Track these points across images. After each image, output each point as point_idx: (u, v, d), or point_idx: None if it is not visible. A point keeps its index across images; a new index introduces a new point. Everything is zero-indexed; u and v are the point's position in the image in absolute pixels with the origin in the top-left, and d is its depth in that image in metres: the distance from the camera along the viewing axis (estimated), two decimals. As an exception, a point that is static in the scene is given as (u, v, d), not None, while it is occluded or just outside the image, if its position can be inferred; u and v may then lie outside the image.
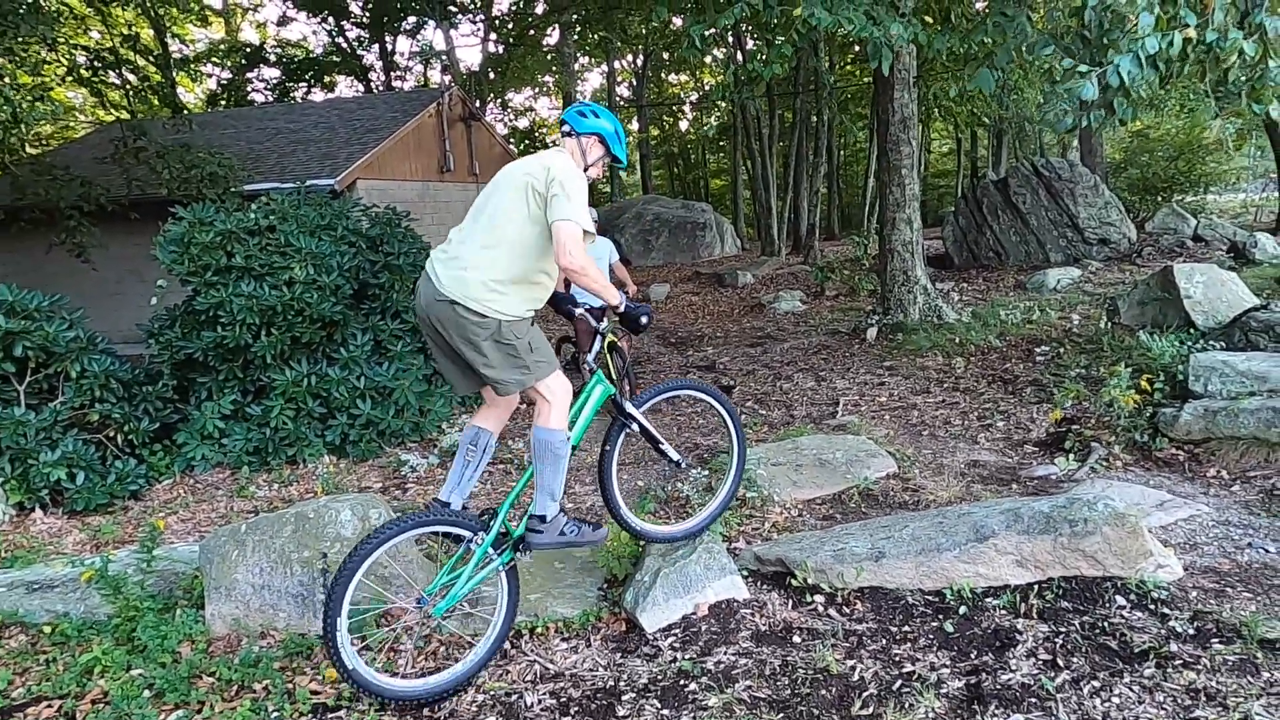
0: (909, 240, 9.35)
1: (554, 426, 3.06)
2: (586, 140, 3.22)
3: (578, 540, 3.19)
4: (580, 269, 2.86)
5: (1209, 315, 6.67)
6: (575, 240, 2.87)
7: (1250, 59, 4.29)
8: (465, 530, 3.05)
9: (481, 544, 3.06)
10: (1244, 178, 18.58)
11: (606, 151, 3.26)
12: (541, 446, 3.07)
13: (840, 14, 6.22)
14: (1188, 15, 4.17)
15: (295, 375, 6.20)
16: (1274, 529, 3.87)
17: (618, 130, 3.27)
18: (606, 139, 3.24)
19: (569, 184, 2.92)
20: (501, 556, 3.10)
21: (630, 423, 3.41)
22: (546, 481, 3.10)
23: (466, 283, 2.92)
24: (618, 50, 28.03)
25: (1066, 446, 5.18)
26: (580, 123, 3.20)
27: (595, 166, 3.25)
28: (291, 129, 14.93)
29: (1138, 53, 4.11)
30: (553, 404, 3.06)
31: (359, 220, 7.44)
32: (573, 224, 2.87)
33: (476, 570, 3.08)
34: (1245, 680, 2.57)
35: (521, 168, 3.06)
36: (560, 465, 3.10)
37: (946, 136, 31.82)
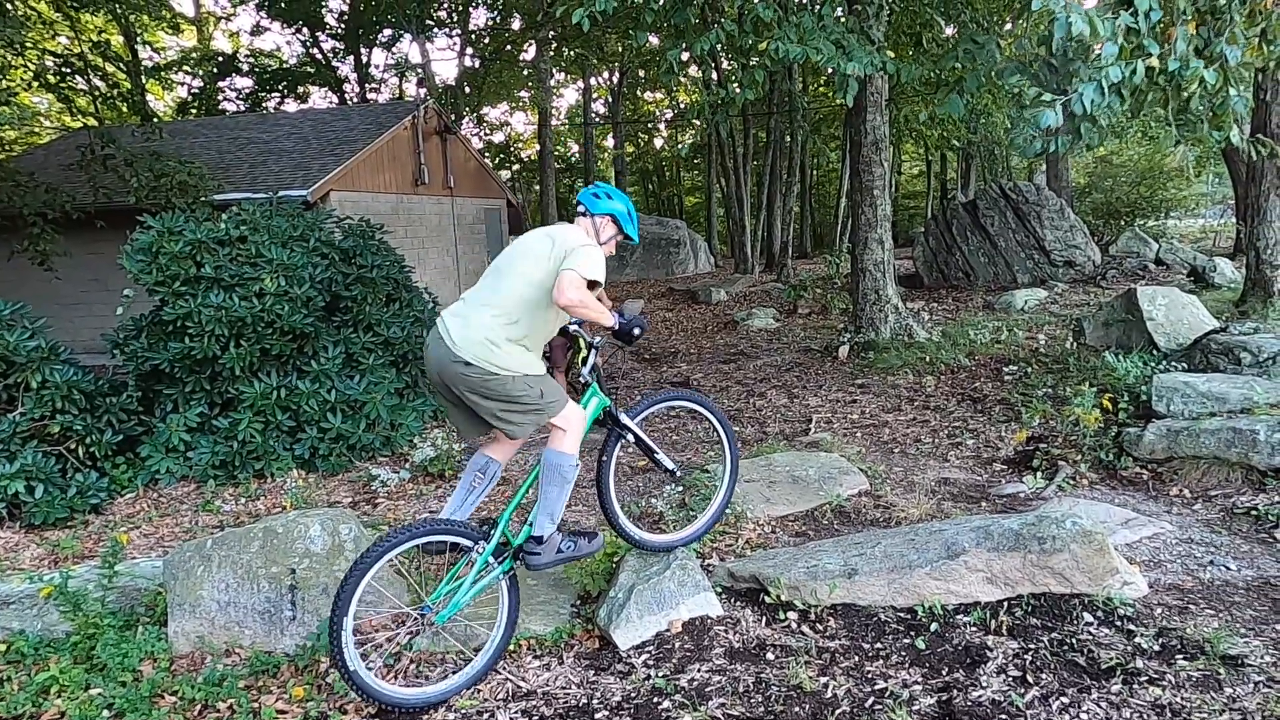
0: (880, 260, 9.47)
1: (566, 451, 3.20)
2: (600, 220, 3.42)
3: (575, 555, 3.31)
4: (573, 304, 3.00)
5: (1171, 337, 6.82)
6: (574, 284, 3.00)
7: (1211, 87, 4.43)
8: (467, 540, 3.13)
9: (483, 553, 3.14)
10: (1203, 204, 19.10)
11: (619, 230, 3.47)
12: (551, 469, 3.19)
13: (810, 45, 6.33)
14: (1151, 45, 4.29)
15: (264, 388, 6.12)
16: (1234, 547, 3.95)
17: (629, 211, 3.47)
18: (619, 220, 3.44)
19: (590, 252, 3.11)
20: (502, 565, 3.19)
21: (625, 433, 3.51)
22: (550, 503, 3.21)
23: (482, 344, 3.06)
24: (594, 67, 28.20)
25: (1035, 465, 5.25)
26: (594, 204, 3.41)
27: (608, 245, 3.43)
28: (264, 139, 14.80)
29: (1100, 81, 4.23)
30: (568, 431, 3.21)
31: (332, 232, 7.38)
32: (574, 273, 3.02)
33: (478, 579, 3.16)
34: (1209, 696, 2.62)
35: (539, 234, 3.28)
36: (566, 489, 3.23)
37: (917, 158, 32.38)
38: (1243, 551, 3.89)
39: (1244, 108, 4.97)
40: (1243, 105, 4.94)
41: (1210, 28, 4.48)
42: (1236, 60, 4.48)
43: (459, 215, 16.51)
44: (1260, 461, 4.55)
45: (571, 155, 36.74)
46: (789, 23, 6.58)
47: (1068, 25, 4.11)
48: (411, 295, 7.76)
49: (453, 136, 16.23)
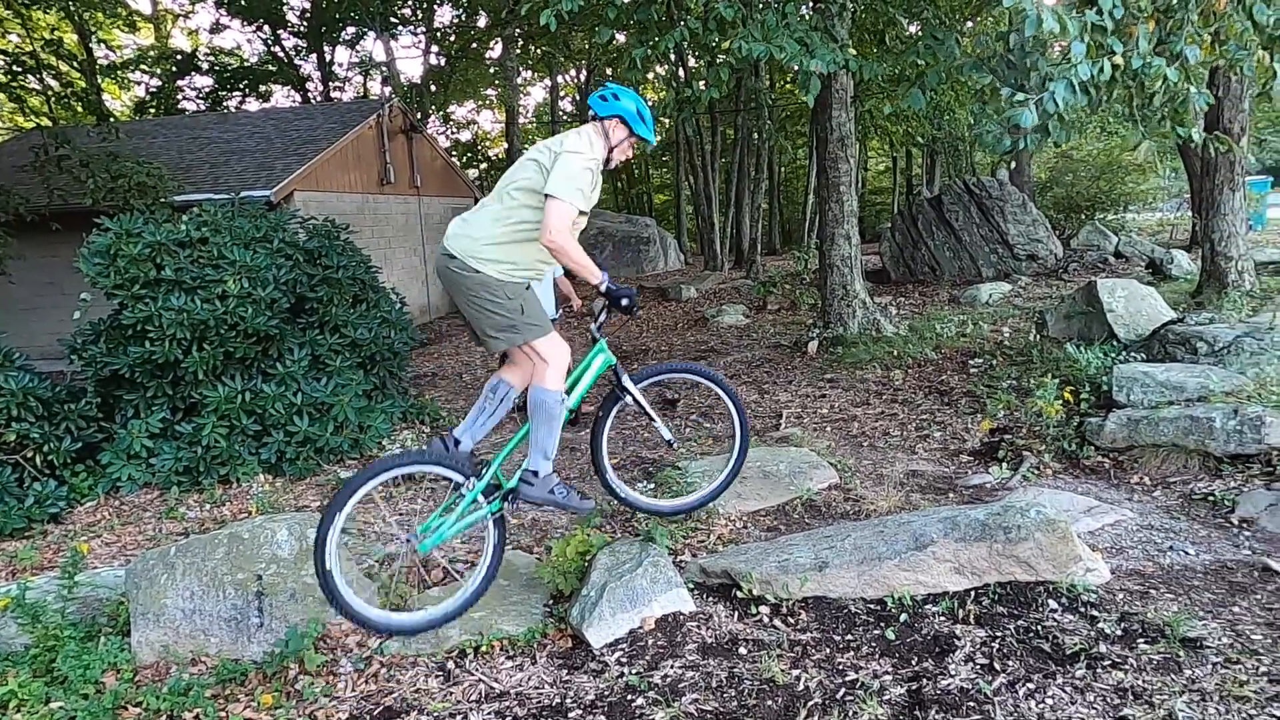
0: (848, 255, 9.55)
1: (549, 387, 3.23)
2: (608, 123, 3.33)
3: (565, 503, 3.37)
4: (559, 247, 3.01)
5: (1130, 328, 6.97)
6: (561, 218, 3.00)
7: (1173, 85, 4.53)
8: (458, 474, 3.24)
9: (472, 489, 3.25)
10: (1160, 197, 19.50)
11: (630, 133, 3.35)
12: (536, 405, 3.23)
13: (774, 43, 6.37)
14: (1114, 43, 4.38)
15: (228, 391, 6.01)
16: (1192, 532, 4.05)
17: (640, 110, 3.35)
18: (628, 119, 3.32)
19: (571, 162, 3.07)
20: (490, 505, 3.30)
21: (624, 395, 3.54)
22: (540, 439, 3.27)
23: (466, 241, 3.17)
24: (561, 65, 28.09)
25: (1000, 456, 5.34)
26: (601, 106, 3.33)
27: (620, 149, 3.37)
28: (225, 139, 14.56)
29: (1071, 79, 4.31)
30: (549, 365, 3.23)
31: (296, 233, 7.27)
32: (562, 202, 3.00)
33: (465, 514, 3.28)
34: (1169, 678, 2.68)
35: (538, 145, 3.28)
36: (554, 425, 3.26)
37: (883, 155, 32.70)
38: (1200, 536, 3.99)
39: (1204, 105, 5.10)
40: (1203, 102, 5.07)
41: (1164, 26, 4.59)
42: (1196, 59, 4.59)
43: (426, 215, 16.38)
44: (1216, 448, 4.66)
45: (540, 153, 36.52)
46: (753, 20, 6.61)
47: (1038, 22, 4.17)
48: (378, 296, 7.68)
49: (419, 135, 16.09)
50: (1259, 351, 5.44)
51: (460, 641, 3.34)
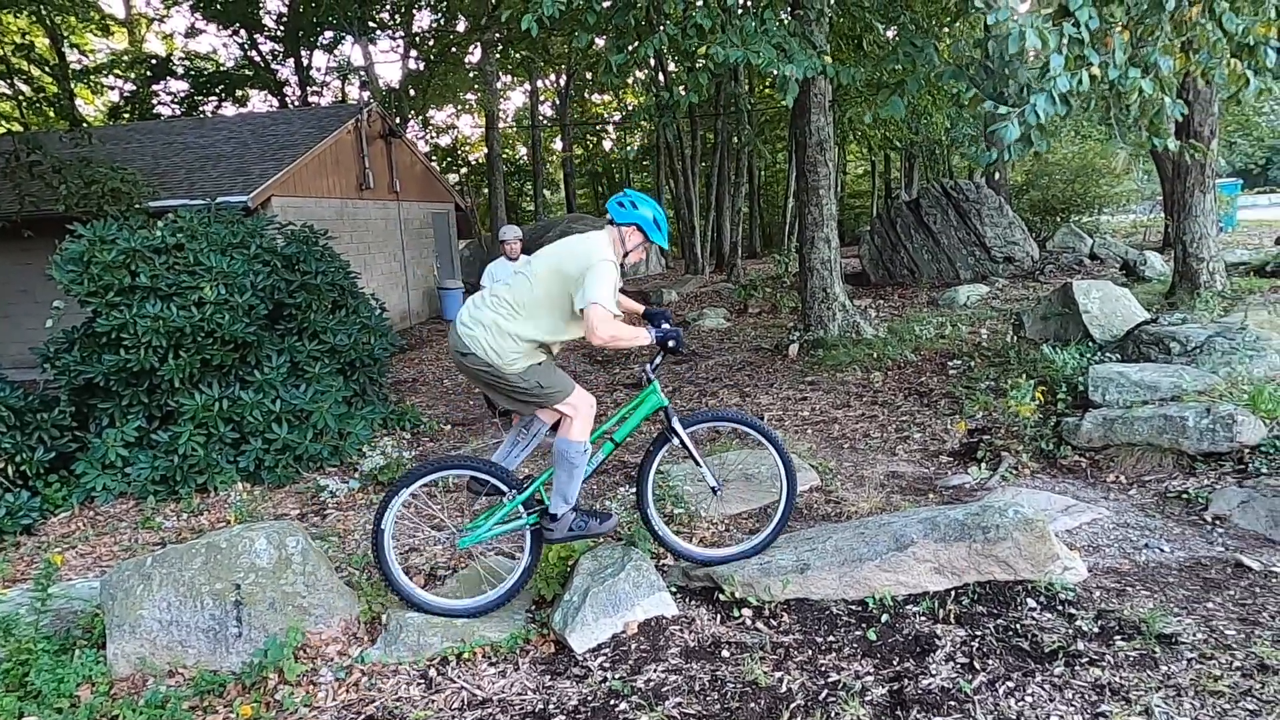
0: (827, 259, 9.61)
1: (574, 439, 3.42)
2: (625, 230, 3.53)
3: (586, 533, 3.52)
4: (607, 342, 3.22)
5: (1105, 329, 7.06)
6: (604, 321, 3.20)
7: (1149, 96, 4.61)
8: (502, 484, 3.52)
9: (513, 499, 3.51)
10: (1133, 200, 19.79)
11: (645, 239, 3.56)
12: (559, 454, 3.43)
13: (751, 49, 6.42)
14: (1091, 54, 4.45)
15: (206, 399, 5.95)
16: (1167, 530, 4.11)
17: (656, 218, 3.54)
18: (644, 227, 3.52)
19: (600, 269, 3.25)
20: (529, 517, 3.54)
21: (673, 437, 3.64)
22: (561, 486, 3.46)
23: (478, 341, 3.34)
24: (540, 70, 28.08)
25: (979, 456, 5.39)
26: (619, 213, 3.53)
27: (634, 252, 3.58)
28: (201, 144, 14.41)
29: (1051, 91, 4.38)
30: (575, 419, 3.43)
31: (274, 238, 7.21)
32: (602, 307, 3.20)
33: (504, 521, 3.57)
34: (1146, 674, 2.71)
35: (558, 247, 3.45)
36: (575, 474, 3.44)
37: (861, 159, 32.94)
38: (1175, 534, 4.05)
39: (1179, 114, 5.20)
40: (1178, 112, 5.16)
41: (1136, 34, 4.67)
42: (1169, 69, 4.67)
43: (406, 219, 16.31)
44: (1190, 446, 4.73)
45: (520, 158, 36.54)
46: (731, 27, 6.64)
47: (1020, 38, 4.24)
48: (358, 302, 7.63)
49: (398, 140, 16.02)
50: (1230, 351, 5.53)
51: (442, 649, 3.32)
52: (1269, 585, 3.37)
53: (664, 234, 3.58)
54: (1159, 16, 4.49)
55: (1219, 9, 4.54)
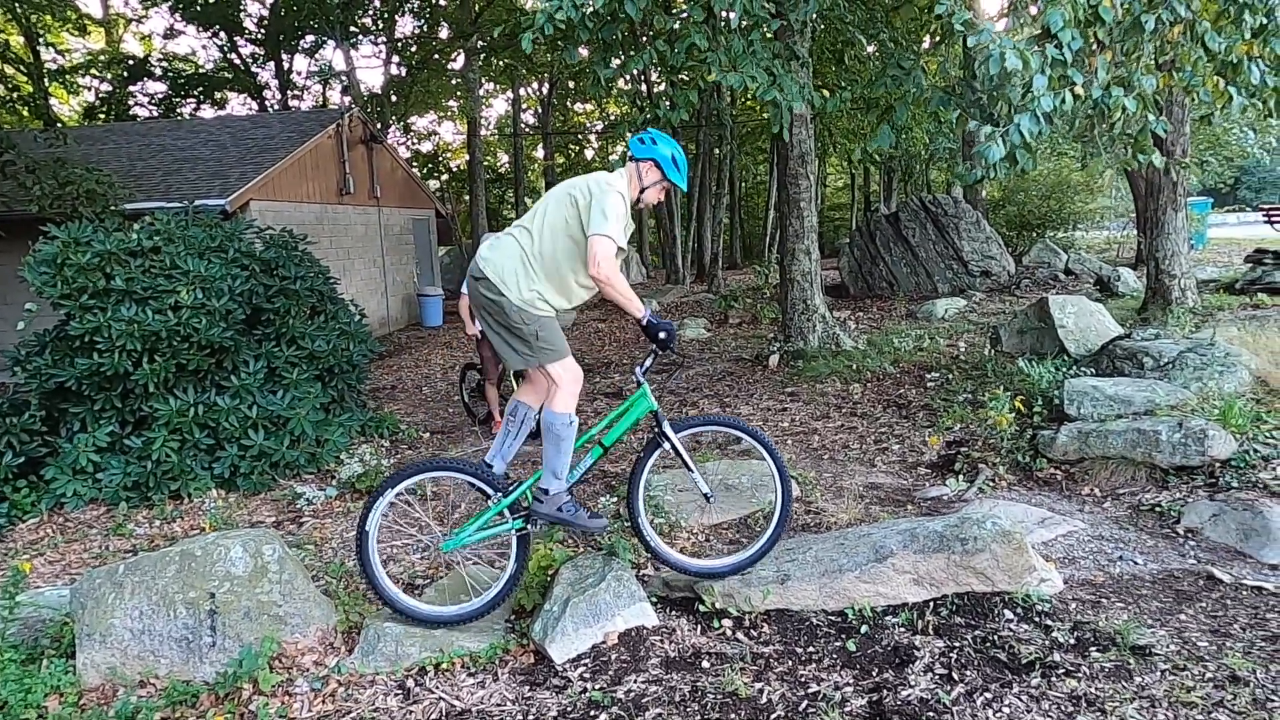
0: (808, 270, 9.68)
1: (559, 410, 3.36)
2: (643, 165, 3.49)
3: (572, 520, 3.47)
4: (607, 279, 3.20)
5: (1080, 343, 7.16)
6: (607, 254, 3.18)
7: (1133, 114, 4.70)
8: (487, 486, 3.49)
9: (498, 503, 3.47)
10: (1107, 216, 20.11)
11: (663, 176, 3.50)
12: (545, 426, 3.39)
13: (745, 72, 6.48)
14: (1075, 74, 4.53)
15: (180, 404, 5.87)
16: (1141, 542, 4.16)
17: (675, 156, 3.49)
18: (662, 164, 3.47)
19: (608, 201, 3.23)
20: (514, 521, 3.49)
21: (664, 442, 3.59)
22: (550, 459, 3.42)
23: (495, 265, 3.33)
24: (523, 78, 28.10)
25: (956, 468, 5.43)
26: (638, 149, 3.49)
27: (652, 190, 3.51)
28: (178, 146, 14.27)
29: (1035, 111, 4.45)
30: (560, 388, 3.37)
31: (252, 243, 7.15)
32: (607, 239, 3.18)
33: (489, 524, 3.53)
34: (1120, 685, 2.74)
35: (570, 182, 3.42)
36: (563, 446, 3.39)
37: (841, 171, 33.27)
38: (1149, 546, 4.11)
39: (1163, 131, 5.30)
40: (1161, 129, 5.26)
41: (1118, 54, 4.77)
42: (1153, 88, 4.77)
43: (386, 225, 16.22)
44: (1163, 460, 4.80)
45: (501, 165, 36.50)
46: (719, 44, 6.69)
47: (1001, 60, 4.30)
48: (337, 307, 7.57)
49: (379, 145, 15.95)
50: (1202, 366, 5.63)
51: (420, 659, 3.29)
52: (1239, 597, 3.42)
53: (683, 175, 3.52)
54: (1140, 37, 4.59)
55: (1200, 29, 4.64)
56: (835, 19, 9.49)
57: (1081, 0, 4.37)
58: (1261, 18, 4.77)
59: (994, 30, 4.43)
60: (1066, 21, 4.34)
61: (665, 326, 3.42)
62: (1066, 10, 4.39)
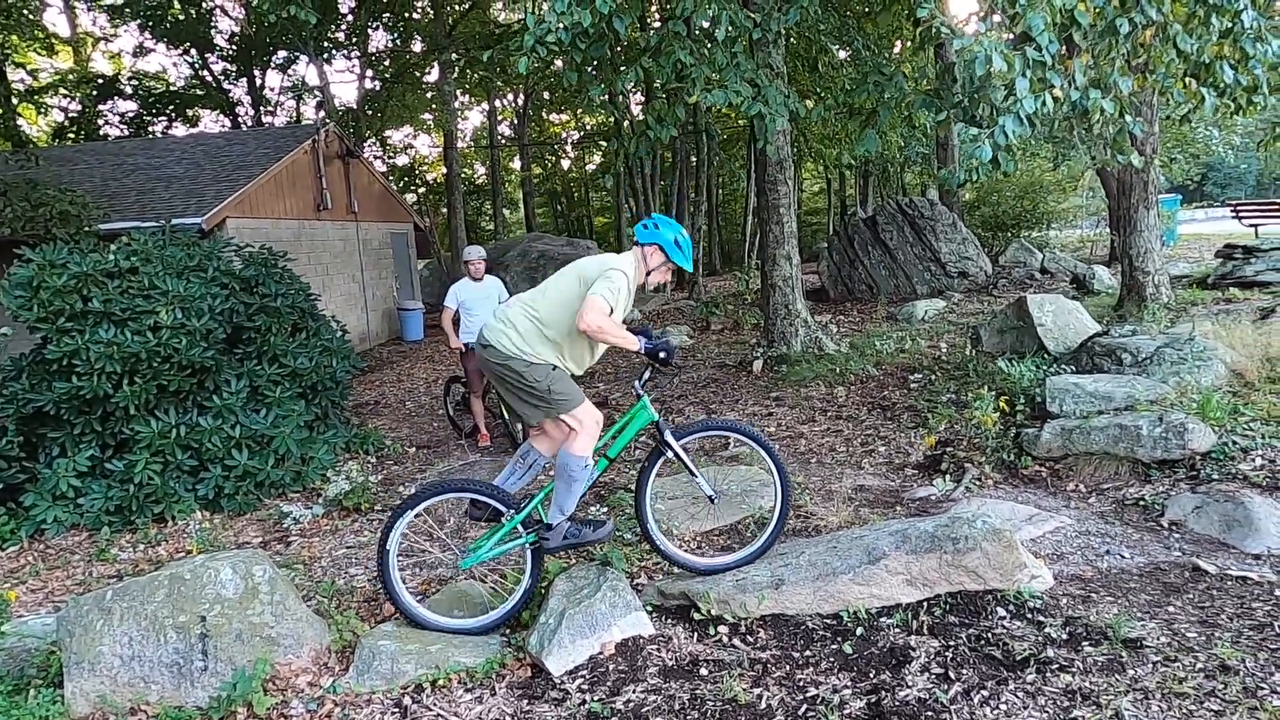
0: (789, 275, 9.73)
1: (576, 453, 3.51)
2: (648, 249, 3.72)
3: (581, 540, 3.63)
4: (597, 329, 3.37)
5: (1059, 341, 7.25)
6: (597, 310, 3.37)
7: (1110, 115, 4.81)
8: (500, 504, 3.61)
9: (511, 519, 3.61)
10: (1080, 215, 20.40)
11: (667, 259, 3.73)
12: (561, 467, 3.53)
13: (731, 87, 6.55)
14: (1053, 77, 4.62)
15: (162, 426, 5.80)
16: (1127, 536, 4.22)
17: (678, 239, 3.71)
18: (665, 248, 3.70)
19: (611, 276, 3.46)
20: (527, 536, 3.62)
21: (667, 450, 3.75)
22: (560, 498, 3.57)
23: (501, 332, 3.52)
24: (498, 89, 28.10)
25: (943, 468, 5.48)
26: (642, 234, 3.72)
27: (657, 272, 3.76)
28: (152, 165, 14.13)
29: (1018, 113, 4.54)
30: (580, 433, 3.52)
31: (231, 261, 7.09)
32: (600, 298, 3.38)
33: (503, 541, 3.67)
34: (1114, 679, 2.78)
35: (580, 261, 3.66)
36: (574, 487, 3.55)
37: (817, 176, 33.50)
38: (1134, 540, 4.16)
39: (1140, 132, 5.40)
40: (1139, 129, 5.36)
41: (1094, 57, 4.86)
42: (1129, 89, 4.87)
43: (364, 240, 16.14)
44: (1144, 454, 4.87)
45: (478, 177, 36.46)
46: (704, 59, 6.73)
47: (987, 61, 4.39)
48: (318, 324, 7.52)
49: (355, 160, 15.88)
50: (1179, 361, 5.72)
51: (416, 676, 3.26)
52: (1225, 588, 3.48)
53: (686, 256, 3.74)
54: (1114, 39, 4.68)
55: (1172, 31, 4.74)
56: (809, 28, 9.58)
57: (1058, 4, 4.46)
58: (1228, 20, 4.89)
59: (973, 35, 4.51)
60: (1047, 25, 4.43)
61: (663, 347, 3.63)
62: (1046, 14, 4.47)
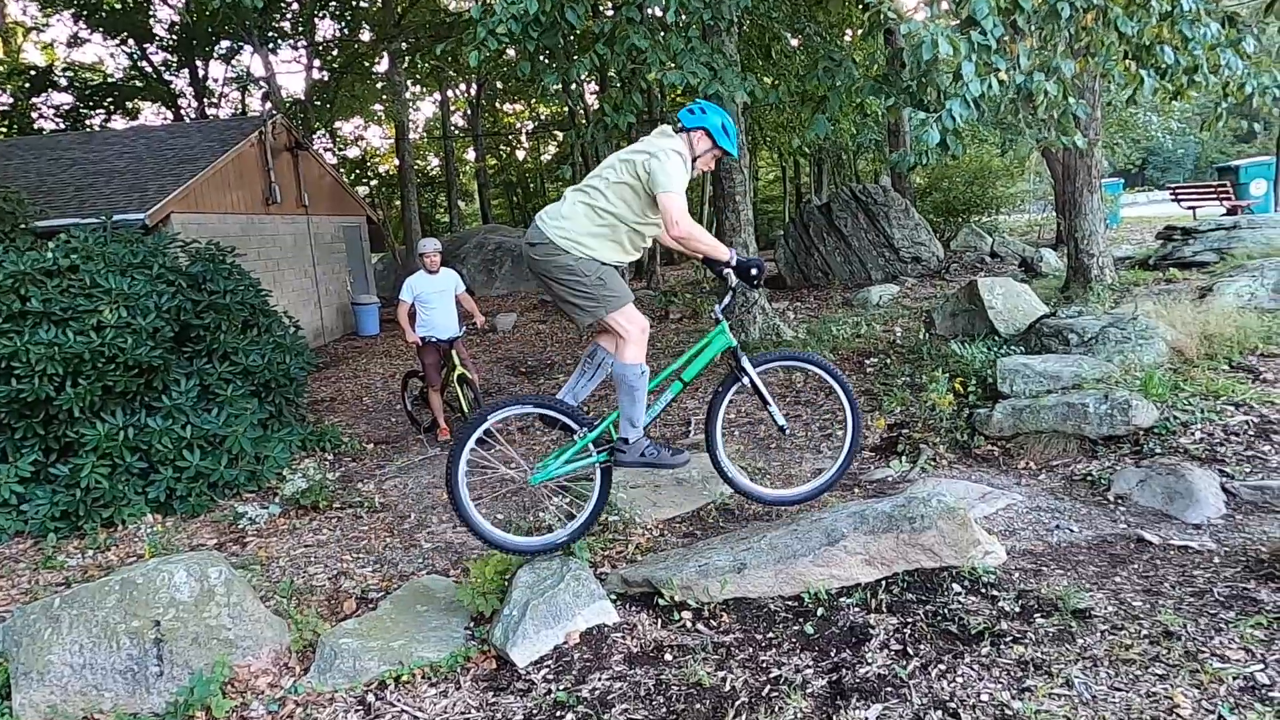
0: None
1: (629, 360, 3.46)
2: (694, 135, 3.56)
3: (658, 461, 3.60)
4: (687, 235, 3.33)
5: (1009, 323, 7.42)
6: (682, 210, 3.27)
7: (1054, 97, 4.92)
8: (573, 422, 3.61)
9: (583, 437, 3.60)
10: (1027, 200, 20.84)
11: (714, 144, 3.58)
12: (617, 379, 3.50)
13: (687, 69, 6.55)
14: (998, 60, 4.71)
15: (109, 428, 5.64)
16: (1075, 511, 4.35)
17: (724, 123, 3.56)
18: (712, 132, 3.54)
19: (670, 161, 3.31)
20: (599, 455, 3.62)
21: (742, 376, 3.77)
22: (625, 410, 3.53)
23: (554, 227, 3.42)
24: (451, 80, 27.73)
25: (899, 450, 5.58)
26: (688, 119, 3.56)
27: (703, 158, 3.60)
28: (91, 159, 13.68)
29: (964, 96, 4.62)
30: (627, 339, 3.47)
31: (177, 257, 6.91)
32: (675, 195, 3.26)
33: (574, 458, 3.65)
34: (1065, 648, 2.87)
35: (628, 148, 3.51)
36: (636, 395, 3.49)
37: (772, 165, 33.70)
38: (1082, 514, 4.29)
39: (1083, 114, 5.54)
40: (1082, 111, 5.50)
41: (1038, 41, 4.97)
42: (1071, 72, 4.98)
43: (316, 234, 15.83)
44: (1091, 432, 5.02)
45: (432, 169, 35.97)
46: (659, 45, 6.73)
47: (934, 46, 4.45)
48: (270, 320, 7.37)
49: (304, 152, 15.56)
50: (1123, 340, 5.89)
51: (380, 673, 3.24)
52: (1168, 557, 3.61)
53: (733, 141, 3.61)
54: (1057, 23, 4.79)
55: (1112, 14, 4.87)
56: (762, 15, 9.61)
57: None
58: (1167, 4, 5.04)
59: (921, 21, 4.59)
60: (991, 9, 4.52)
61: (756, 263, 3.58)
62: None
